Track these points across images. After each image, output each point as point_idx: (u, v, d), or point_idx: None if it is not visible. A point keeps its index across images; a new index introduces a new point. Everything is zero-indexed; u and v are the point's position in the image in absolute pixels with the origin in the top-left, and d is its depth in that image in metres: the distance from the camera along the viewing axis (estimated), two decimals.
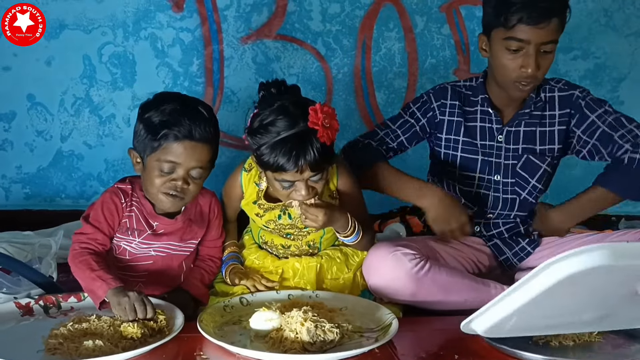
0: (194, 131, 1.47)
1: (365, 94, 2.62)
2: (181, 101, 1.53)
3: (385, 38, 2.58)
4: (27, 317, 1.47)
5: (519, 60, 1.64)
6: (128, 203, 1.57)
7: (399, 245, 1.62)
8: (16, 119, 2.47)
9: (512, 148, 1.79)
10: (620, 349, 1.37)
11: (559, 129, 1.78)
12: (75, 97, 2.48)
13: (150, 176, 1.51)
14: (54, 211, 2.46)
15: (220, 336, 1.34)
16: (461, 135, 1.81)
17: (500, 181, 1.80)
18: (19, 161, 2.50)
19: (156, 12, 2.46)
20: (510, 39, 1.62)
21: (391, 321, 1.41)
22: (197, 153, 1.49)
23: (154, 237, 1.59)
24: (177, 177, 1.50)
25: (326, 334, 1.30)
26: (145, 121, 1.49)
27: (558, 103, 1.78)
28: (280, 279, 1.68)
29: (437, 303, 1.62)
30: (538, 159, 1.79)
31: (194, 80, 2.52)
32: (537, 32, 1.60)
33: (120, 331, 1.33)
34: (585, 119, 1.75)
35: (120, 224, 1.56)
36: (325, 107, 1.47)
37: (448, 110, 1.83)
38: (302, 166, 1.44)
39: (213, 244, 1.71)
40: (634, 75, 2.71)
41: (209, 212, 1.67)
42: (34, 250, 1.85)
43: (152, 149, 1.48)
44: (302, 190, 1.49)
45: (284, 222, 1.67)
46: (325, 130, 1.44)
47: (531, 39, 1.61)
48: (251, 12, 2.50)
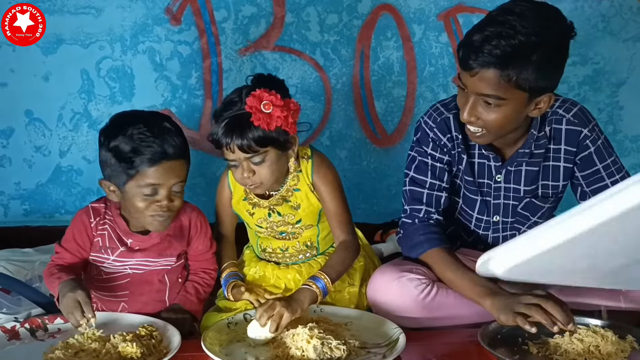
0: (167, 150, 1.47)
1: (365, 104, 2.62)
2: (143, 121, 1.49)
3: (383, 47, 2.57)
4: (13, 342, 1.45)
5: (462, 102, 1.50)
6: (100, 221, 1.57)
7: (404, 270, 1.58)
8: (14, 135, 2.46)
9: (513, 188, 1.66)
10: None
11: (564, 166, 1.62)
12: (74, 112, 2.47)
13: (133, 202, 1.49)
14: (53, 227, 2.43)
15: (225, 354, 1.32)
16: (463, 166, 1.68)
17: (500, 220, 1.71)
18: (18, 177, 2.49)
19: (154, 25, 2.45)
20: (458, 76, 1.48)
21: (398, 336, 1.40)
22: (176, 170, 1.50)
23: (128, 253, 1.58)
24: (161, 197, 1.49)
25: (333, 352, 1.29)
26: (113, 150, 1.47)
27: (564, 137, 1.60)
28: (283, 293, 1.67)
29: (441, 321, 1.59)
30: (541, 202, 1.67)
31: (193, 93, 2.51)
32: (470, 79, 1.42)
33: (119, 351, 1.31)
34: (591, 166, 1.61)
35: (93, 243, 1.57)
36: (272, 94, 1.52)
37: (455, 143, 1.66)
38: (229, 144, 1.52)
39: (203, 257, 1.70)
40: (632, 80, 2.70)
41: (189, 226, 1.65)
42: (34, 268, 1.83)
43: (129, 176, 1.47)
44: (243, 172, 1.57)
45: (274, 219, 1.69)
46: (262, 114, 1.50)
47: (467, 84, 1.44)
48: (249, 24, 2.50)
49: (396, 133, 2.64)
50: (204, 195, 2.51)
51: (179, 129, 1.54)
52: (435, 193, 1.66)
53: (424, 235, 1.63)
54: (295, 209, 1.68)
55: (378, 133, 2.63)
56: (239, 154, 1.54)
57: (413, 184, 1.68)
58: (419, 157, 1.68)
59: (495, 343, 1.41)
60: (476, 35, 1.39)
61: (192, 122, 2.53)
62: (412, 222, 1.66)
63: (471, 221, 1.74)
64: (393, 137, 2.64)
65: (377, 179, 2.64)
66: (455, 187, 1.72)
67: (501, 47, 1.35)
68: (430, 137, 1.66)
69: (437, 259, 1.59)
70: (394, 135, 2.64)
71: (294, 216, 1.68)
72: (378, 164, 2.65)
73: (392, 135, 2.64)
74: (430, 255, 1.61)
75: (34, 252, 2.07)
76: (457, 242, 1.78)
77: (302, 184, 1.67)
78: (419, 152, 1.68)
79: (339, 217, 1.68)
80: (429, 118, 1.68)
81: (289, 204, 1.68)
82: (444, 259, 1.58)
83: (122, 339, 1.34)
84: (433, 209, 1.66)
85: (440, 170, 1.66)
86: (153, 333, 1.37)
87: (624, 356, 1.35)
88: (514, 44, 1.35)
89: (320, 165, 1.68)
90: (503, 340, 1.43)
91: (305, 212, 1.69)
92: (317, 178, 1.67)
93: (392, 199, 2.61)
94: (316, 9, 2.51)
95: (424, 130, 1.68)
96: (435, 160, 1.66)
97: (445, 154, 1.66)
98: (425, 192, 1.66)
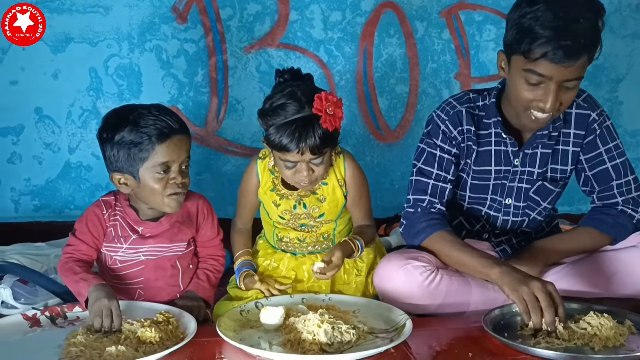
0: (173, 125, 1.53)
1: (368, 100, 2.66)
2: (136, 108, 1.56)
3: (386, 44, 2.61)
4: (34, 329, 1.50)
5: (538, 93, 1.50)
6: (111, 213, 1.62)
7: (409, 257, 1.61)
8: (24, 132, 2.50)
9: (528, 171, 1.70)
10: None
11: (573, 150, 1.69)
12: (83, 109, 2.51)
13: (150, 186, 1.54)
14: (63, 222, 2.47)
15: (239, 339, 1.36)
16: (472, 159, 1.70)
17: (512, 204, 1.74)
18: (28, 174, 2.53)
19: (160, 24, 2.49)
20: (531, 71, 1.48)
21: (405, 322, 1.44)
22: (184, 144, 1.56)
23: (140, 240, 1.62)
24: (174, 174, 1.54)
25: (343, 335, 1.33)
26: (118, 144, 1.52)
27: (574, 121, 1.67)
28: (294, 283, 1.72)
29: (446, 308, 1.62)
30: (552, 185, 1.72)
31: (199, 90, 2.55)
32: (562, 70, 1.45)
33: (138, 336, 1.36)
34: (594, 149, 1.67)
35: (106, 234, 1.62)
36: (330, 95, 1.57)
37: (465, 136, 1.69)
38: (302, 148, 1.55)
39: (210, 244, 1.74)
40: (632, 76, 2.75)
41: (197, 213, 1.70)
42: (49, 261, 1.87)
43: (142, 160, 1.51)
44: (303, 171, 1.60)
45: (299, 211, 1.74)
46: (328, 116, 1.55)
47: (554, 76, 1.46)
48: (254, 22, 2.54)
49: (399, 129, 2.68)
50: (210, 191, 2.56)
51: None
52: (440, 184, 1.69)
53: (426, 221, 1.66)
54: (320, 201, 1.73)
55: (381, 129, 2.68)
56: (307, 155, 1.58)
57: (419, 174, 1.72)
58: (428, 148, 1.71)
59: (499, 328, 1.45)
60: (542, 26, 1.43)
61: (198, 119, 2.57)
62: (414, 211, 1.70)
63: (484, 203, 1.75)
64: (396, 132, 2.69)
65: (380, 174, 2.68)
66: (462, 181, 1.74)
67: (583, 32, 1.43)
68: (441, 130, 1.69)
69: (441, 240, 1.62)
70: (397, 131, 2.69)
71: (318, 209, 1.73)
72: (381, 159, 2.69)
73: (395, 131, 2.69)
74: (433, 239, 1.64)
75: (47, 246, 2.10)
76: (461, 233, 1.82)
77: (332, 178, 1.73)
78: (428, 144, 1.71)
79: (365, 211, 1.80)
80: (441, 111, 1.71)
81: (316, 196, 1.73)
82: (448, 240, 1.62)
83: (141, 325, 1.38)
84: (437, 199, 1.69)
85: (448, 162, 1.69)
86: (170, 319, 1.41)
87: (623, 340, 1.39)
88: (592, 28, 1.45)
89: (353, 164, 1.76)
90: (507, 325, 1.47)
91: (329, 205, 1.74)
92: (351, 177, 1.75)
93: (396, 194, 2.66)
94: (320, 6, 2.56)
95: (436, 122, 1.71)
96: (444, 152, 1.69)
97: (454, 147, 1.69)
98: (431, 182, 1.70)
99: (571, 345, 1.36)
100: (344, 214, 1.80)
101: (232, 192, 2.46)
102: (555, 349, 1.33)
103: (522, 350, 1.35)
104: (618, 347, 1.37)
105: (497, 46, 2.61)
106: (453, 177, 1.71)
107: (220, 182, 2.63)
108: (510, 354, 1.35)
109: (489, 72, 2.67)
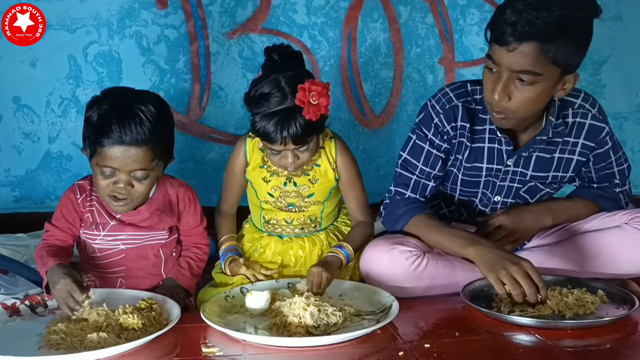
0: (124, 136, 1.43)
1: (353, 86, 2.64)
2: (119, 102, 1.47)
3: (370, 29, 2.60)
4: (14, 318, 1.47)
5: (492, 82, 1.45)
6: (86, 198, 1.59)
7: (395, 242, 1.60)
8: (2, 122, 2.44)
9: (521, 172, 1.65)
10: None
11: (577, 159, 1.65)
12: (62, 98, 2.46)
13: (96, 178, 1.51)
14: (44, 213, 2.42)
15: (225, 324, 1.35)
16: (464, 156, 1.65)
17: (500, 201, 1.72)
18: (7, 164, 2.48)
19: (140, 9, 2.45)
20: (488, 56, 1.44)
21: (391, 303, 1.44)
22: (132, 156, 1.45)
23: (119, 227, 1.59)
24: (119, 180, 1.48)
25: (329, 317, 1.32)
26: (86, 121, 1.48)
27: (586, 131, 1.61)
28: (280, 268, 1.71)
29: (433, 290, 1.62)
30: (544, 186, 1.69)
31: (181, 77, 2.52)
32: (507, 55, 1.38)
33: (120, 323, 1.34)
34: (605, 159, 1.68)
35: (83, 219, 1.58)
36: (315, 84, 1.54)
37: (458, 132, 1.63)
38: (285, 139, 1.56)
39: (194, 232, 1.72)
40: (614, 59, 2.76)
41: (177, 201, 1.67)
42: (29, 251, 1.85)
43: (92, 152, 1.48)
44: (288, 158, 1.61)
45: (289, 188, 1.74)
46: (312, 107, 1.54)
47: (501, 62, 1.40)
48: (236, 7, 2.50)
49: (384, 114, 2.67)
50: (193, 179, 2.53)
51: (154, 119, 1.46)
52: (423, 181, 1.68)
53: (405, 206, 1.66)
54: (312, 182, 1.74)
55: (366, 114, 2.66)
56: (291, 145, 1.58)
57: (404, 167, 1.70)
58: (417, 140, 1.68)
59: (478, 299, 1.50)
60: (510, 9, 1.36)
61: (180, 106, 2.54)
62: (391, 202, 1.71)
63: (476, 196, 1.73)
64: (381, 118, 2.68)
65: (365, 160, 2.67)
66: (452, 175, 1.71)
67: (541, 18, 1.33)
68: (433, 123, 1.64)
69: (419, 224, 1.63)
70: (382, 117, 2.68)
71: (308, 188, 1.73)
72: (367, 145, 2.68)
73: (380, 116, 2.68)
74: (413, 223, 1.64)
75: (27, 237, 2.08)
76: (450, 222, 1.81)
77: (324, 160, 1.74)
78: (418, 136, 1.68)
79: (358, 201, 1.79)
80: (437, 102, 1.65)
81: (307, 177, 1.73)
82: (425, 223, 1.62)
83: (123, 312, 1.36)
84: (417, 195, 1.68)
85: (435, 158, 1.66)
86: (153, 305, 1.39)
87: (594, 308, 1.45)
88: (555, 16, 1.33)
89: (344, 150, 1.76)
90: (485, 296, 1.52)
91: (320, 187, 1.74)
92: (342, 162, 1.75)
93: (381, 180, 2.65)
94: None
95: (430, 114, 1.65)
96: (433, 146, 1.65)
97: (445, 142, 1.65)
98: (414, 178, 1.68)
99: (544, 313, 1.41)
100: (332, 197, 1.79)
101: (216, 180, 2.44)
102: (530, 316, 1.39)
103: (497, 317, 1.40)
104: (588, 314, 1.43)
105: (480, 30, 2.60)
106: (439, 172, 1.68)
107: (204, 170, 2.60)
108: (496, 332, 1.36)
109: (472, 57, 2.67)
